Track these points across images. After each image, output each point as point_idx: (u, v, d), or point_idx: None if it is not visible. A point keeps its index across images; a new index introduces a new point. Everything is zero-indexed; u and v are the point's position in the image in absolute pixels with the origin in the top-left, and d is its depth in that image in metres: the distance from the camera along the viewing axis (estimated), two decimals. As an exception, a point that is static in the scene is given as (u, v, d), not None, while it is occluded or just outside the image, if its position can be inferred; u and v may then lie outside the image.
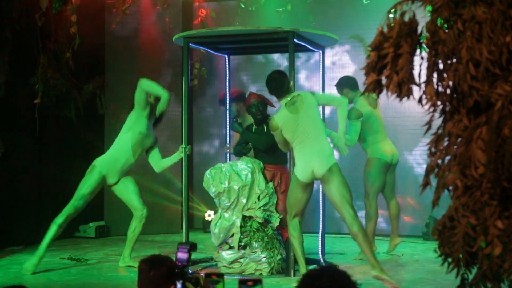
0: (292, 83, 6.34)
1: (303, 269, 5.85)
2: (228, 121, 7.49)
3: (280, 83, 6.08)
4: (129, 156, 6.86)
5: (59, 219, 6.59)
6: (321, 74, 7.06)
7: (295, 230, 5.98)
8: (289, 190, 6.09)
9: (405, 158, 8.62)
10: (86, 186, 6.74)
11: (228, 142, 7.48)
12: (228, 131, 7.52)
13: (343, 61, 9.18)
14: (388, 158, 7.25)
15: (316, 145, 5.87)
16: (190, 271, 3.12)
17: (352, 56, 9.09)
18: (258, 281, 2.60)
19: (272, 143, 6.36)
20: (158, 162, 7.00)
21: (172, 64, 9.44)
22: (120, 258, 6.86)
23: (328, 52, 9.08)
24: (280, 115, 5.99)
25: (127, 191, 6.91)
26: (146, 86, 6.69)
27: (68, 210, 6.65)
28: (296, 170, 5.93)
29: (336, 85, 7.50)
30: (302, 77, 9.41)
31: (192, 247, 3.16)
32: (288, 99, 6.02)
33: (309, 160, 5.85)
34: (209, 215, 9.16)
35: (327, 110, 8.49)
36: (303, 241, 6.01)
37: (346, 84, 7.38)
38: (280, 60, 9.37)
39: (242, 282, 2.60)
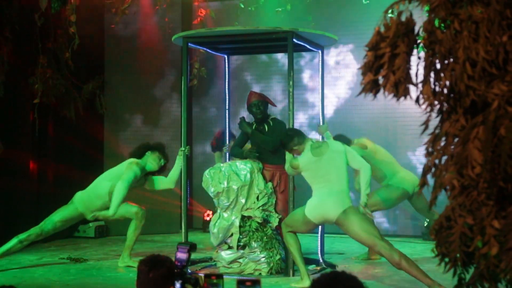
0: (290, 83, 6.35)
1: (304, 275, 5.81)
2: (228, 121, 7.49)
3: (298, 134, 5.94)
4: (105, 201, 6.86)
5: (22, 235, 6.64)
6: (320, 73, 7.06)
7: (291, 237, 5.90)
8: (294, 212, 5.96)
9: (408, 158, 8.63)
10: (58, 214, 6.79)
11: (227, 142, 7.47)
12: (228, 131, 7.52)
13: (347, 60, 9.20)
14: (410, 190, 7.09)
15: (334, 189, 5.68)
16: (189, 271, 3.11)
17: (355, 55, 9.10)
18: (256, 282, 2.60)
19: (278, 143, 6.35)
20: (166, 181, 7.06)
21: (173, 63, 9.44)
22: (120, 258, 6.87)
23: (332, 52, 9.12)
24: (303, 158, 5.83)
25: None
26: (116, 188, 6.68)
27: (34, 230, 6.70)
28: (308, 206, 5.76)
29: None
30: (306, 76, 9.42)
31: (192, 247, 3.16)
32: (313, 142, 5.88)
33: (323, 200, 5.68)
34: (208, 215, 9.17)
35: (330, 110, 8.56)
36: (301, 247, 5.95)
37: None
38: (284, 60, 9.33)
39: (240, 283, 2.59)
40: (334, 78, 9.20)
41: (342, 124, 9.04)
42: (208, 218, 9.08)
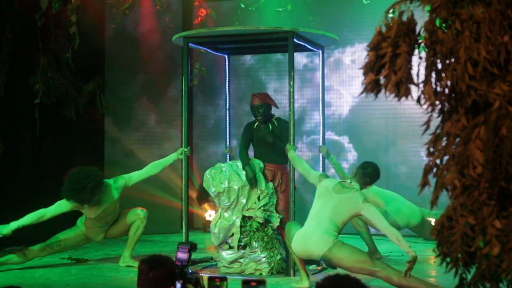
0: (291, 83, 6.36)
1: (303, 276, 5.79)
2: (228, 122, 7.48)
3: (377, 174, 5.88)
4: (105, 222, 6.85)
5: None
6: (320, 73, 7.07)
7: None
8: (291, 227, 5.80)
9: (422, 159, 8.59)
10: (64, 232, 6.80)
11: (228, 143, 7.46)
12: (228, 132, 7.51)
13: (362, 60, 9.16)
14: (402, 224, 6.88)
15: (321, 227, 5.49)
16: (190, 271, 3.11)
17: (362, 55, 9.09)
18: (261, 282, 2.60)
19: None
20: (150, 167, 6.92)
21: (174, 63, 9.43)
22: (121, 258, 6.87)
23: (348, 50, 9.11)
24: (328, 181, 5.72)
25: (120, 223, 6.93)
26: (36, 212, 6.56)
27: (39, 244, 6.67)
28: (295, 236, 5.60)
29: None
30: (319, 75, 9.38)
31: (192, 247, 3.15)
32: (349, 182, 5.67)
33: (307, 236, 5.52)
34: (209, 215, 9.17)
35: (346, 109, 8.53)
36: None
37: None
38: (298, 58, 9.23)
39: (245, 283, 2.59)
40: (350, 77, 9.16)
41: (358, 123, 9.04)
42: (209, 218, 9.07)
